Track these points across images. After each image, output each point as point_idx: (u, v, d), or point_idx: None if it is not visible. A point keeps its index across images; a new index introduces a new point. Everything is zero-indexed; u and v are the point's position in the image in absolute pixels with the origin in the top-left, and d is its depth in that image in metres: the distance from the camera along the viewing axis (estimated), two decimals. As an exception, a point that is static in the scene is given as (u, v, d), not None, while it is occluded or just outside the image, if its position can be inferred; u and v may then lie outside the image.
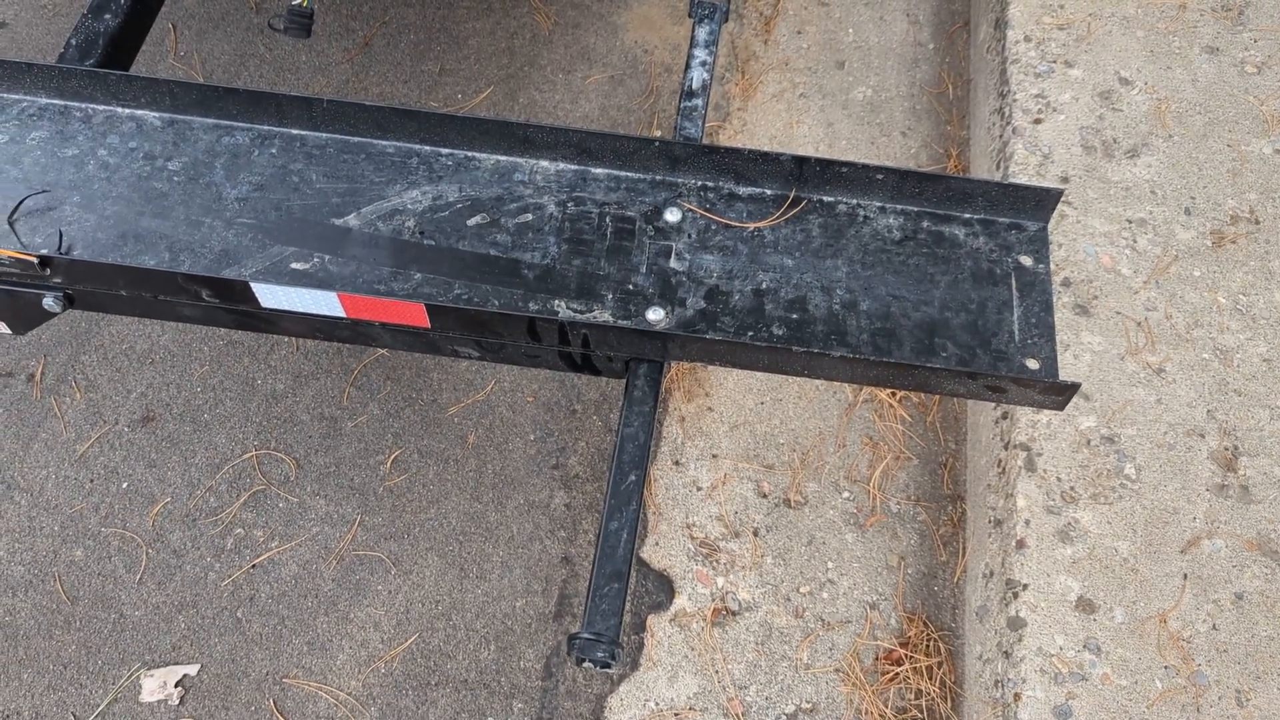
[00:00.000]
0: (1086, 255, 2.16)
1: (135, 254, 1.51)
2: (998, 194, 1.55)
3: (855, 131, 2.73)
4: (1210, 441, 1.95)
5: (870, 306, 1.49)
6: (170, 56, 2.83)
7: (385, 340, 1.55)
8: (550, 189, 1.59)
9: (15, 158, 1.58)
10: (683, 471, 2.21)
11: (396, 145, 1.62)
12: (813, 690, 1.99)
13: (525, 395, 2.32)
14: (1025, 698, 1.74)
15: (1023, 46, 2.50)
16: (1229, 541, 1.86)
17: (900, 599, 2.08)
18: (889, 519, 2.17)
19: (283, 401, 2.30)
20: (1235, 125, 2.34)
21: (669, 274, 1.51)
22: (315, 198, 1.57)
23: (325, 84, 2.80)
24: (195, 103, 1.62)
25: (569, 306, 1.48)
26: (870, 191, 1.57)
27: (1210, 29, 2.50)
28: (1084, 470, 1.93)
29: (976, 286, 1.51)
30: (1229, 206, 2.22)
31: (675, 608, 2.07)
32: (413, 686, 2.00)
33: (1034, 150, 2.32)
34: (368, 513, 2.18)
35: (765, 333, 1.46)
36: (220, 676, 2.01)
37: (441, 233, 1.54)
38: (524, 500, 2.20)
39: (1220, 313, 2.09)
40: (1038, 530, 1.88)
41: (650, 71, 2.84)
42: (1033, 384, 1.40)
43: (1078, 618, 1.80)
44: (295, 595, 2.09)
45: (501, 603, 2.09)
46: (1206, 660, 1.76)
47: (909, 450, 2.24)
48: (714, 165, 1.58)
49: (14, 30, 2.88)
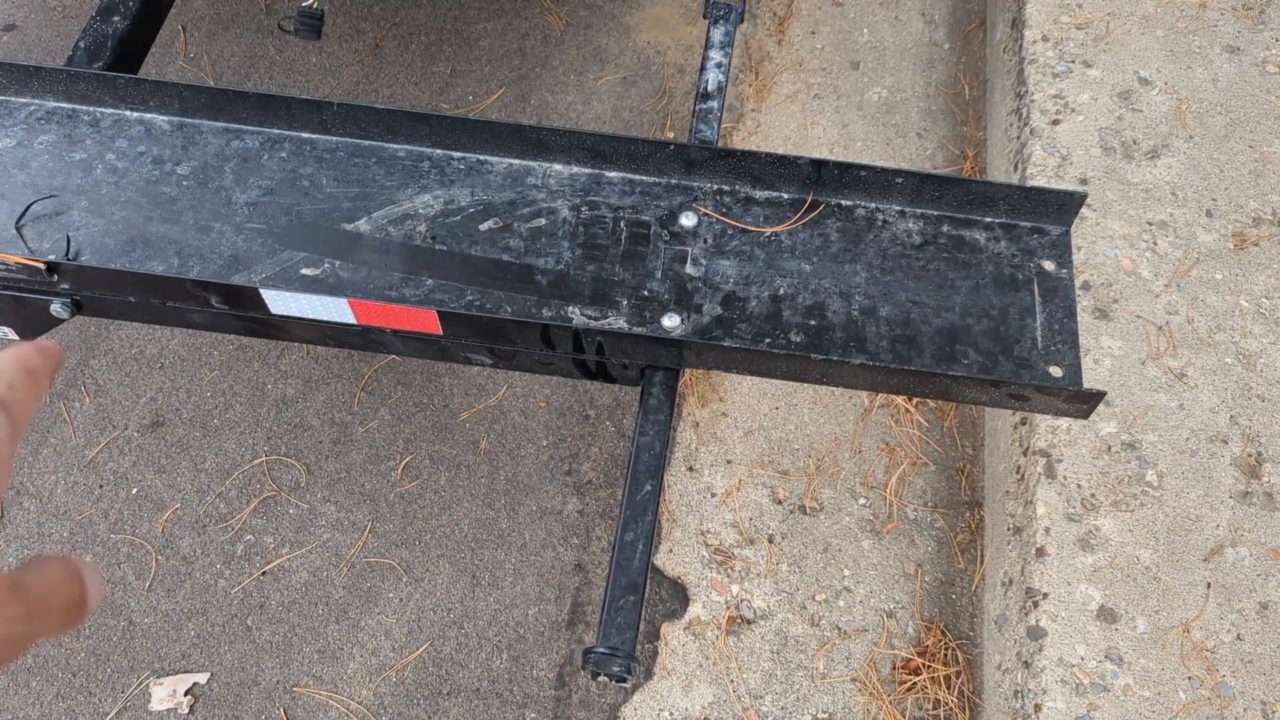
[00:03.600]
0: (1106, 258, 2.13)
1: (143, 259, 1.49)
2: (1019, 198, 1.52)
3: (870, 133, 2.70)
4: (1233, 448, 1.92)
5: (890, 313, 1.46)
6: (180, 58, 2.82)
7: (396, 347, 1.53)
8: (564, 193, 1.56)
9: (23, 162, 1.56)
10: (697, 477, 2.19)
11: (408, 149, 1.60)
12: (829, 700, 1.96)
13: (538, 400, 2.30)
14: (1046, 709, 1.71)
15: (1040, 46, 2.47)
16: (1253, 550, 1.83)
17: (918, 607, 2.05)
18: (906, 526, 2.14)
19: (293, 407, 2.29)
20: (1257, 125, 2.31)
21: (685, 280, 1.48)
22: (326, 202, 1.55)
23: (336, 86, 2.78)
24: (204, 106, 1.60)
25: (583, 313, 1.45)
26: (889, 195, 1.55)
27: (1231, 28, 2.47)
28: (1105, 477, 1.89)
29: (998, 292, 1.48)
30: (1251, 208, 2.19)
31: (690, 616, 2.04)
32: (424, 696, 1.98)
33: (1052, 151, 2.29)
34: (379, 519, 2.16)
35: (783, 340, 1.43)
36: (230, 685, 1.99)
37: (453, 238, 1.52)
38: (536, 507, 2.18)
39: (1243, 316, 2.05)
40: (1058, 538, 1.85)
41: (663, 72, 2.81)
42: (1056, 392, 1.37)
43: (1099, 627, 1.77)
44: (306, 603, 2.07)
45: (514, 611, 2.07)
46: (1231, 671, 1.72)
47: (926, 456, 2.22)
48: (730, 169, 1.55)
49: (23, 32, 2.87)
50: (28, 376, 0.58)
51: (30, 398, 0.57)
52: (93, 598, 0.56)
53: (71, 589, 0.54)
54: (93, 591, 0.56)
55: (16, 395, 0.56)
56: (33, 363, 0.59)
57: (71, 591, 0.54)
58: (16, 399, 0.56)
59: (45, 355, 0.60)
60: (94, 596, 0.56)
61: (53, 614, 0.53)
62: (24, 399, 0.57)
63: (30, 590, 0.51)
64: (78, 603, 0.55)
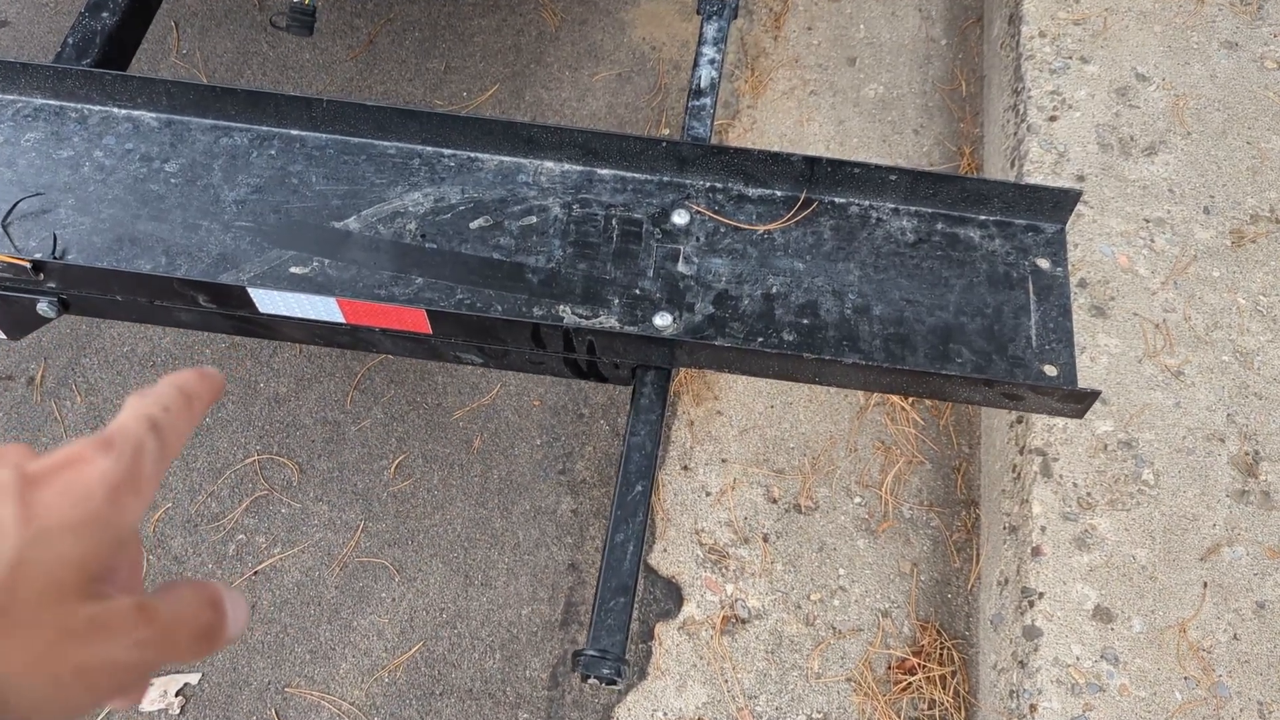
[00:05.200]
0: (1103, 255, 2.12)
1: (131, 258, 1.47)
2: (1014, 195, 1.50)
3: (867, 129, 2.69)
4: (1230, 446, 1.90)
5: (883, 311, 1.45)
6: (172, 55, 2.80)
7: (386, 346, 1.52)
8: (555, 190, 1.55)
9: (10, 159, 1.55)
10: (691, 476, 2.17)
11: (398, 146, 1.58)
12: (824, 700, 1.95)
13: (531, 399, 2.29)
14: (1041, 709, 1.70)
15: (1038, 42, 2.45)
16: (1250, 549, 1.81)
17: (913, 606, 2.04)
18: (901, 525, 2.13)
19: (285, 405, 2.27)
20: (1255, 122, 2.29)
21: (677, 278, 1.47)
22: (315, 200, 1.53)
23: (329, 82, 2.76)
24: (193, 103, 1.59)
25: (574, 312, 1.44)
26: (883, 193, 1.53)
27: (1229, 24, 2.45)
28: (1101, 476, 1.88)
29: (992, 290, 1.47)
30: (1249, 205, 2.17)
31: (684, 615, 2.03)
32: (417, 696, 1.97)
33: (1049, 148, 2.28)
34: (371, 519, 2.14)
35: (776, 339, 1.42)
36: (221, 685, 1.98)
37: (443, 236, 1.50)
38: (530, 506, 2.16)
39: (1240, 314, 2.04)
40: (1054, 537, 1.84)
41: (658, 68, 2.80)
42: (1051, 391, 1.36)
43: (1095, 627, 1.76)
44: (298, 603, 2.06)
45: (507, 610, 2.05)
46: (1227, 671, 1.71)
47: (922, 454, 2.20)
48: (723, 166, 1.54)
49: (15, 28, 2.86)
50: (184, 401, 0.57)
51: (184, 423, 0.56)
52: (232, 626, 0.53)
53: (206, 616, 0.52)
54: (232, 619, 0.53)
55: (170, 419, 0.55)
56: (190, 387, 0.58)
57: (206, 619, 0.52)
58: (169, 422, 0.55)
59: (204, 381, 0.59)
60: (234, 625, 0.54)
61: (182, 640, 0.51)
62: (177, 424, 0.56)
63: (160, 615, 0.49)
64: (212, 631, 0.52)
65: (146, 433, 0.53)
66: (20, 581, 0.44)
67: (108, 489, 0.49)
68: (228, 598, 0.53)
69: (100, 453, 0.50)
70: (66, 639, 0.45)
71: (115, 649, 0.47)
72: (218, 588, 0.53)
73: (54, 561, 0.46)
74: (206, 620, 0.52)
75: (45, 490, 0.48)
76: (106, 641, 0.47)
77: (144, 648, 0.48)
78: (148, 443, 0.53)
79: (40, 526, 0.46)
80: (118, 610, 0.48)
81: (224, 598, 0.53)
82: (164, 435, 0.54)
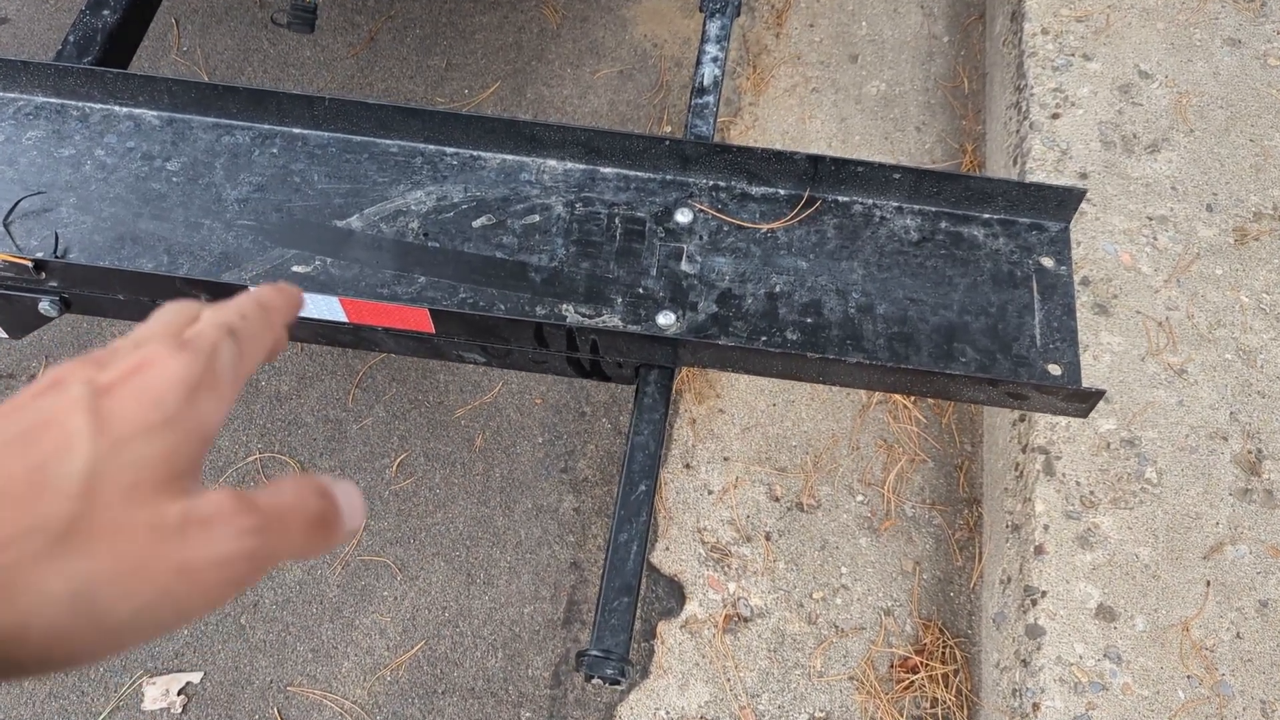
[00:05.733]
0: (1106, 253, 2.11)
1: (133, 257, 1.47)
2: (1018, 194, 1.50)
3: (869, 126, 2.68)
4: (1233, 444, 1.90)
5: (887, 310, 1.45)
6: (173, 52, 2.80)
7: (388, 345, 1.51)
8: (558, 189, 1.55)
9: (11, 158, 1.54)
10: (694, 475, 2.17)
11: (400, 144, 1.58)
12: (826, 699, 1.95)
13: (533, 397, 2.29)
14: (1044, 708, 1.70)
15: (1040, 39, 2.45)
16: (1253, 547, 1.81)
17: (916, 605, 2.04)
18: (904, 523, 2.13)
19: (287, 403, 2.27)
20: (1258, 119, 2.29)
21: (680, 277, 1.47)
22: (317, 199, 1.53)
23: (330, 80, 2.76)
24: (194, 101, 1.58)
25: (577, 311, 1.44)
26: (887, 191, 1.53)
27: (1232, 21, 2.45)
28: (1104, 474, 1.88)
29: (996, 289, 1.47)
30: (1252, 203, 2.17)
31: (686, 614, 2.03)
32: (419, 695, 1.97)
33: (1052, 146, 2.27)
34: (373, 517, 2.14)
35: (779, 338, 1.42)
36: (223, 684, 1.98)
37: (446, 234, 1.50)
38: (532, 504, 2.16)
39: (1243, 312, 2.04)
40: (1056, 535, 1.84)
41: (660, 66, 2.79)
42: (1055, 391, 1.35)
43: (1098, 626, 1.76)
44: (300, 601, 2.06)
45: (509, 609, 2.05)
46: (1230, 670, 1.71)
47: (924, 453, 2.20)
48: (726, 165, 1.53)
49: (16, 26, 2.85)
50: (260, 310, 0.56)
51: (262, 331, 0.55)
52: (348, 516, 0.50)
53: (314, 503, 0.49)
54: (346, 508, 0.50)
55: (248, 326, 0.54)
56: (267, 299, 0.57)
57: (315, 505, 0.49)
58: (247, 330, 0.54)
59: (282, 294, 0.58)
60: (350, 514, 0.50)
61: (294, 530, 0.47)
62: (255, 332, 0.54)
63: (261, 503, 0.46)
64: (325, 518, 0.49)
65: (223, 336, 0.51)
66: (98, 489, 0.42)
67: (184, 389, 0.47)
68: (337, 486, 0.51)
69: (173, 353, 0.48)
70: (160, 539, 0.43)
71: (218, 541, 0.44)
72: (324, 477, 0.51)
73: (133, 465, 0.43)
74: (316, 507, 0.49)
75: (117, 397, 0.45)
76: (206, 534, 0.44)
77: (250, 534, 0.45)
78: (224, 345, 0.51)
79: (115, 434, 0.44)
80: (212, 501, 0.45)
81: (332, 486, 0.51)
82: (241, 341, 0.52)
